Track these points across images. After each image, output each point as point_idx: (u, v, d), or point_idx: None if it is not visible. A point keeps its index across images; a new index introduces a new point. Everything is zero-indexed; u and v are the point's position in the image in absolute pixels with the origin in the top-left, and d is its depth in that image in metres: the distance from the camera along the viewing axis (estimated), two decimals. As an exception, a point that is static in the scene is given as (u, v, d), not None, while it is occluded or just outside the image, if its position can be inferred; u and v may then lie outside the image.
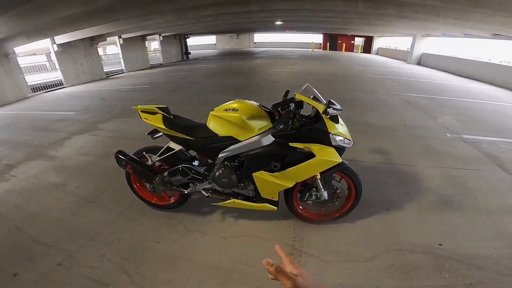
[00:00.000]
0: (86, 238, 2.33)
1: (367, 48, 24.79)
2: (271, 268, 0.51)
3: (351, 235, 2.32)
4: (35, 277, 1.96)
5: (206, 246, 2.22)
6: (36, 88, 9.55)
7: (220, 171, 2.19)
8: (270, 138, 2.02)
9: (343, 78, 10.46)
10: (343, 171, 2.19)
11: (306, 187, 2.23)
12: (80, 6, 5.78)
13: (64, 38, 9.64)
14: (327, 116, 1.94)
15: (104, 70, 12.92)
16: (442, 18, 7.64)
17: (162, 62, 18.15)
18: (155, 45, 20.32)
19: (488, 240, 2.24)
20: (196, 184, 2.38)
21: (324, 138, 1.97)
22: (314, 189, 2.17)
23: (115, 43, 14.12)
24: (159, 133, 2.36)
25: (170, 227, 2.45)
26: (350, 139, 2.06)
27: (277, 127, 1.92)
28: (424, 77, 11.23)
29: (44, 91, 9.70)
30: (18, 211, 2.76)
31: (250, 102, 2.17)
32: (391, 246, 2.19)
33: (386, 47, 22.92)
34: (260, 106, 2.18)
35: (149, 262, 2.07)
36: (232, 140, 2.10)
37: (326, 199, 2.19)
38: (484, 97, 7.75)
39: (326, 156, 1.95)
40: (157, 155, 2.37)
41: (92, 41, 11.44)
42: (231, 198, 2.29)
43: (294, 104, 2.01)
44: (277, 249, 0.60)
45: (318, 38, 29.12)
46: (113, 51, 16.82)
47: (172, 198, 2.65)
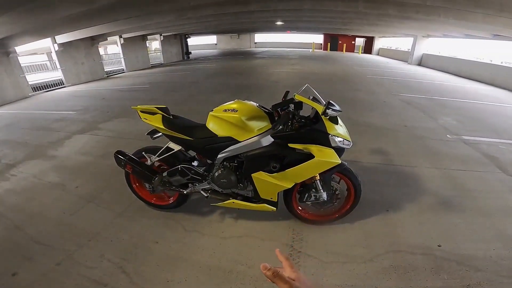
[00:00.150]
0: (86, 238, 2.33)
1: (367, 48, 24.77)
2: (268, 273, 0.51)
3: (350, 236, 2.32)
4: (34, 277, 1.96)
5: (205, 247, 2.22)
6: (37, 88, 9.56)
7: (219, 171, 2.19)
8: (269, 139, 2.02)
9: (343, 79, 10.45)
10: (343, 172, 2.19)
11: (305, 188, 2.23)
12: (80, 6, 5.79)
13: (65, 38, 9.65)
14: (327, 117, 1.94)
15: (105, 70, 12.92)
16: (442, 19, 7.63)
17: (163, 62, 18.16)
18: (155, 44, 20.36)
19: (487, 241, 2.24)
20: (196, 185, 2.38)
21: (323, 139, 1.97)
22: (313, 190, 2.17)
23: (115, 43, 14.15)
24: (159, 133, 2.36)
25: (169, 227, 2.45)
26: (349, 140, 2.05)
27: (276, 127, 1.93)
28: (425, 77, 11.22)
29: (44, 90, 9.71)
30: (18, 210, 2.77)
31: (249, 102, 2.17)
32: (390, 247, 2.19)
33: (386, 47, 22.92)
34: (260, 107, 2.18)
35: (148, 262, 2.07)
36: (231, 141, 2.09)
37: (325, 200, 2.19)
38: (485, 98, 7.74)
39: (325, 157, 1.95)
40: (156, 155, 2.37)
41: (93, 40, 11.44)
42: (230, 198, 2.29)
43: (294, 105, 2.01)
44: (277, 253, 0.61)
45: (319, 38, 29.10)
46: (113, 50, 16.85)
47: (171, 198, 2.65)
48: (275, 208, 2.25)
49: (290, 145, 1.99)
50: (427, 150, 3.99)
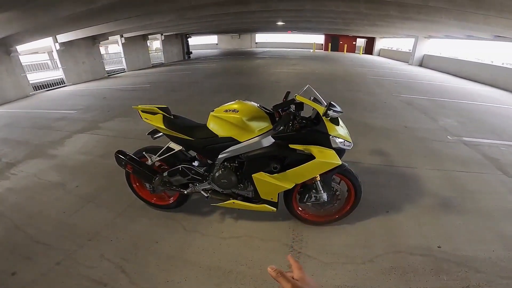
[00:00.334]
0: (85, 238, 2.33)
1: (368, 49, 24.75)
2: (273, 273, 0.54)
3: (350, 236, 2.32)
4: (34, 276, 1.96)
5: (205, 247, 2.22)
6: (38, 87, 9.56)
7: (220, 171, 2.19)
8: (270, 140, 2.02)
9: (344, 79, 10.45)
10: (343, 173, 2.19)
11: (305, 189, 2.23)
12: (81, 6, 5.80)
13: (66, 37, 9.66)
14: (327, 118, 1.94)
15: (106, 69, 12.93)
16: (444, 20, 7.63)
17: (164, 62, 18.16)
18: (156, 44, 20.34)
19: (487, 242, 2.24)
20: (196, 185, 2.38)
21: (324, 140, 1.97)
22: (313, 190, 2.17)
23: (117, 42, 14.15)
24: (159, 133, 2.36)
25: (169, 227, 2.45)
26: (350, 141, 2.05)
27: (277, 128, 1.92)
28: (426, 78, 11.21)
29: (45, 89, 9.71)
30: (18, 210, 2.77)
31: (250, 103, 2.16)
32: (390, 248, 2.19)
33: (387, 48, 22.92)
34: (261, 107, 2.18)
35: (148, 262, 2.07)
36: (232, 141, 2.09)
37: (326, 200, 2.19)
38: (485, 99, 7.73)
39: (326, 158, 1.95)
40: (157, 155, 2.37)
41: (94, 40, 11.45)
42: (231, 198, 2.29)
43: (295, 106, 2.01)
44: (289, 258, 0.64)
45: (320, 38, 29.11)
46: (114, 50, 16.83)
47: (171, 198, 2.65)
48: (275, 209, 2.25)
49: (291, 145, 1.99)
50: (427, 151, 3.98)
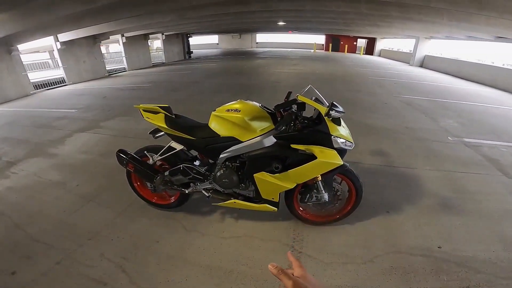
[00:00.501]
0: (86, 237, 2.33)
1: (369, 49, 24.74)
2: (274, 270, 0.55)
3: (350, 237, 2.32)
4: (34, 276, 1.96)
5: (205, 246, 2.22)
6: (38, 86, 9.57)
7: (221, 171, 2.19)
8: (272, 139, 2.02)
9: (345, 79, 10.45)
10: (344, 173, 2.19)
11: (307, 189, 2.23)
12: (83, 5, 5.80)
13: (67, 36, 9.67)
14: (329, 119, 1.94)
15: (107, 68, 12.93)
16: (446, 21, 7.62)
17: (164, 61, 18.17)
18: (157, 44, 20.32)
19: (487, 243, 2.24)
20: (197, 184, 2.38)
21: (326, 140, 1.97)
22: (315, 190, 2.17)
23: (117, 42, 14.16)
24: (161, 132, 2.36)
25: (170, 227, 2.45)
26: (351, 141, 2.05)
27: (279, 128, 1.92)
28: (426, 79, 11.20)
29: (46, 88, 9.73)
30: (18, 208, 2.77)
31: (252, 103, 2.16)
32: (390, 248, 2.19)
33: (388, 49, 22.89)
34: (262, 107, 2.17)
35: (148, 261, 2.07)
36: (233, 141, 2.09)
37: (327, 201, 2.19)
38: (486, 100, 7.73)
39: (328, 158, 1.95)
40: (158, 155, 2.37)
41: (95, 39, 11.45)
42: (232, 198, 2.29)
43: (296, 106, 2.01)
44: (288, 255, 0.65)
45: (321, 39, 29.09)
46: (115, 49, 16.83)
47: (172, 198, 2.65)
48: (276, 209, 2.25)
49: (293, 145, 1.99)
50: (428, 152, 3.98)
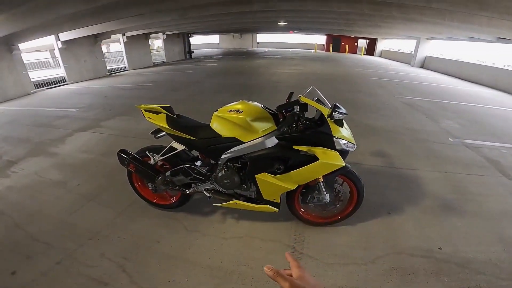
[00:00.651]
0: (86, 237, 2.32)
1: (370, 50, 24.73)
2: (270, 272, 0.54)
3: (351, 237, 2.32)
4: (34, 275, 1.95)
5: (206, 247, 2.21)
6: (39, 85, 9.57)
7: (222, 172, 2.19)
8: (274, 140, 2.02)
9: (345, 80, 10.44)
10: (346, 174, 2.18)
11: (308, 190, 2.23)
12: (84, 4, 5.80)
13: (68, 35, 9.67)
14: (332, 120, 1.94)
15: (107, 68, 12.94)
16: (447, 21, 7.60)
17: (165, 61, 18.16)
18: (158, 43, 20.33)
19: (487, 244, 2.24)
20: (198, 185, 2.38)
21: (328, 142, 1.97)
22: (316, 191, 2.16)
23: (118, 41, 14.16)
24: (162, 132, 2.36)
25: (170, 227, 2.45)
26: (353, 143, 2.05)
27: (281, 129, 1.92)
28: (427, 80, 11.19)
29: (46, 87, 9.73)
30: (18, 208, 2.76)
31: (254, 103, 2.16)
32: (391, 249, 2.19)
33: (389, 49, 22.88)
34: (265, 108, 2.17)
35: (149, 262, 2.07)
36: (235, 141, 2.09)
37: (328, 202, 2.18)
38: (487, 101, 7.72)
39: (330, 159, 1.95)
40: (159, 155, 2.37)
41: (96, 38, 11.46)
42: (233, 199, 2.29)
43: (299, 107, 2.01)
44: (287, 255, 0.64)
45: (321, 39, 29.09)
46: (116, 48, 16.84)
47: (173, 198, 2.65)
48: (277, 209, 2.25)
49: (295, 147, 1.99)
50: (429, 153, 3.98)
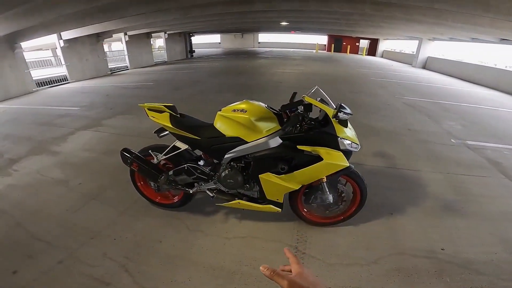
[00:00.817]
0: (88, 236, 2.32)
1: (371, 50, 24.71)
2: (266, 272, 0.54)
3: (354, 238, 2.31)
4: (35, 275, 1.94)
5: (209, 247, 2.21)
6: (41, 83, 9.58)
7: (226, 171, 2.18)
8: (278, 140, 2.01)
9: (347, 80, 10.43)
10: (349, 175, 2.18)
11: (311, 190, 2.22)
12: (86, 3, 5.81)
13: (70, 34, 9.67)
14: (336, 120, 1.93)
15: (109, 67, 12.96)
16: (450, 22, 7.58)
17: (167, 60, 18.18)
18: (160, 42, 20.37)
19: (489, 245, 2.24)
20: (201, 184, 2.37)
21: (332, 142, 1.96)
22: (319, 192, 2.16)
23: (120, 40, 14.16)
24: (166, 131, 2.35)
25: (173, 227, 2.44)
26: (357, 143, 2.05)
27: (286, 129, 1.92)
28: (429, 81, 11.17)
29: (48, 86, 9.73)
30: (20, 207, 2.76)
31: (258, 103, 2.15)
32: (394, 250, 2.18)
33: (391, 50, 22.86)
34: (269, 108, 2.16)
35: (151, 261, 2.06)
36: (239, 141, 2.08)
37: (331, 202, 2.18)
38: (489, 102, 7.71)
39: (334, 159, 1.94)
40: (162, 154, 2.36)
41: (98, 37, 11.48)
42: (236, 199, 2.28)
43: (303, 107, 2.00)
44: (285, 251, 0.63)
45: (323, 39, 29.07)
46: (118, 47, 16.85)
47: (176, 197, 2.64)
48: (280, 209, 2.24)
49: (299, 147, 1.99)
50: (431, 154, 3.97)
